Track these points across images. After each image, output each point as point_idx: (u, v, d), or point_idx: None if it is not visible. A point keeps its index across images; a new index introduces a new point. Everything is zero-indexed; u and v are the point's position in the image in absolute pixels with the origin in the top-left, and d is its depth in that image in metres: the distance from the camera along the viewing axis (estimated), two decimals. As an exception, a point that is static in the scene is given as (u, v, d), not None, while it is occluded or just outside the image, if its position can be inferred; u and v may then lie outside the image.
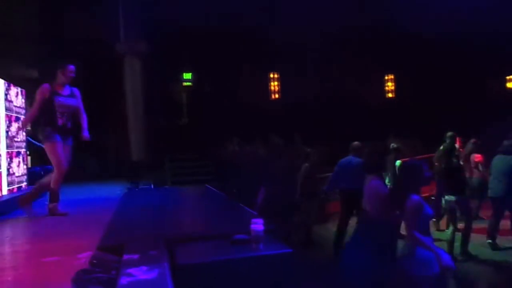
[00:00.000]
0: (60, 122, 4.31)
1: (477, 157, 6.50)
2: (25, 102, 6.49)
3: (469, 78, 13.26)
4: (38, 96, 4.30)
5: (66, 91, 4.39)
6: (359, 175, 4.18)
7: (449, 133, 6.56)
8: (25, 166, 6.30)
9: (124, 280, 1.88)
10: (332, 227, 6.13)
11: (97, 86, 9.62)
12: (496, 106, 12.55)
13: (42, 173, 7.63)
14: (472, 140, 6.70)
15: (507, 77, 14.94)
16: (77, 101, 4.48)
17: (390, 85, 14.72)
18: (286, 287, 2.47)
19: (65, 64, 4.38)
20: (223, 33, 11.77)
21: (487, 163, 6.16)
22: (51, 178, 4.35)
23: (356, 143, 5.70)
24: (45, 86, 4.30)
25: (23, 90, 6.38)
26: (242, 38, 11.80)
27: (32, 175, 6.84)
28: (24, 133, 6.21)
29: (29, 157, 6.94)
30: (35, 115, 4.40)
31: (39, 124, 4.45)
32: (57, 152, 4.25)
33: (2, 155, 5.32)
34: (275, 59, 12.65)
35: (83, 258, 2.59)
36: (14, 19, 9.48)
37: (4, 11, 8.83)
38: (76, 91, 4.51)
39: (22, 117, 6.09)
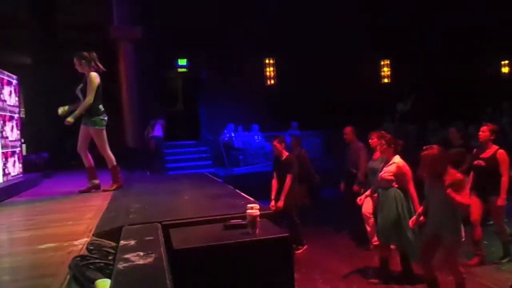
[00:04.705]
0: None
1: None
2: (19, 90, 6.39)
3: (467, 63, 13.25)
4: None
5: None
6: None
7: None
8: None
9: (121, 266, 1.89)
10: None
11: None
12: (492, 91, 12.59)
13: (37, 160, 7.61)
14: None
15: (502, 62, 14.94)
16: None
17: (386, 70, 14.75)
18: (282, 272, 2.49)
19: None
20: (218, 19, 11.63)
21: None
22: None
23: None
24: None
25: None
26: (238, 23, 11.67)
27: (27, 162, 6.81)
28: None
29: (23, 145, 6.90)
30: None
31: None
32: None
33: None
34: (271, 45, 12.54)
35: (80, 244, 2.60)
36: (2, 4, 9.29)
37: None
38: None
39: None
